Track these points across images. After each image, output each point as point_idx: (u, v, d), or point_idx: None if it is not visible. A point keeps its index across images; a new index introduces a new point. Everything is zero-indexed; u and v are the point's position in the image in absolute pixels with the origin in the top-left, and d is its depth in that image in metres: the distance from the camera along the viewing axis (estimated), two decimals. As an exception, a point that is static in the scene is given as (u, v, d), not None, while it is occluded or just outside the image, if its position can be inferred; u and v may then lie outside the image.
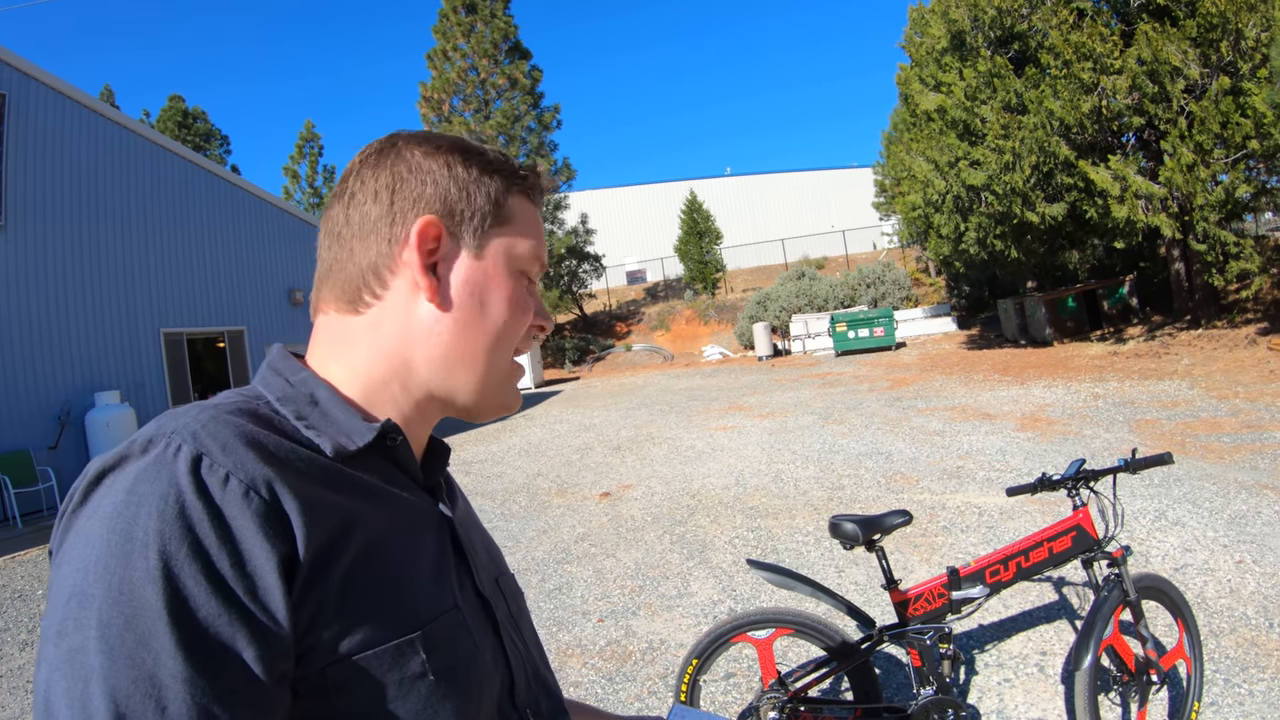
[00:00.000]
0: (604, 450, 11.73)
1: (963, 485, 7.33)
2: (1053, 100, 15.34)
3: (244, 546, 0.63)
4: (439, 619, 0.77)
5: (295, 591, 0.65)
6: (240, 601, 0.62)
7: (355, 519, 0.73)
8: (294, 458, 0.71)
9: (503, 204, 0.88)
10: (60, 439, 12.62)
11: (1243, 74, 13.16)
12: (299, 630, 0.65)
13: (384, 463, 0.82)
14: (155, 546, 0.60)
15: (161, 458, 0.64)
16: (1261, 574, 4.62)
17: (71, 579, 0.61)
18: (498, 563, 1.02)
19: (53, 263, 13.06)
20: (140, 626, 0.58)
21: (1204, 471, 6.87)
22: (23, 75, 12.83)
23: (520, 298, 0.89)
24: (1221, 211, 13.82)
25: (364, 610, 0.70)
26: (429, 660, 0.73)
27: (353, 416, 0.80)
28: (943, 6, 18.13)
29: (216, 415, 0.70)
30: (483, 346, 0.86)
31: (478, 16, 32.50)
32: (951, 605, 2.95)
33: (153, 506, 0.61)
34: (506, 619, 0.92)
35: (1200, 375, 11.89)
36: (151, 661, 0.57)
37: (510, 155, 0.94)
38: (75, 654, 0.58)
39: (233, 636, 0.61)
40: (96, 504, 0.64)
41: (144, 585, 0.59)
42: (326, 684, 0.67)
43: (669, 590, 5.53)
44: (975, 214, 17.85)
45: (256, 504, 0.65)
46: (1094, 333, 19.01)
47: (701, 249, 37.13)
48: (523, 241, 0.90)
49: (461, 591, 0.83)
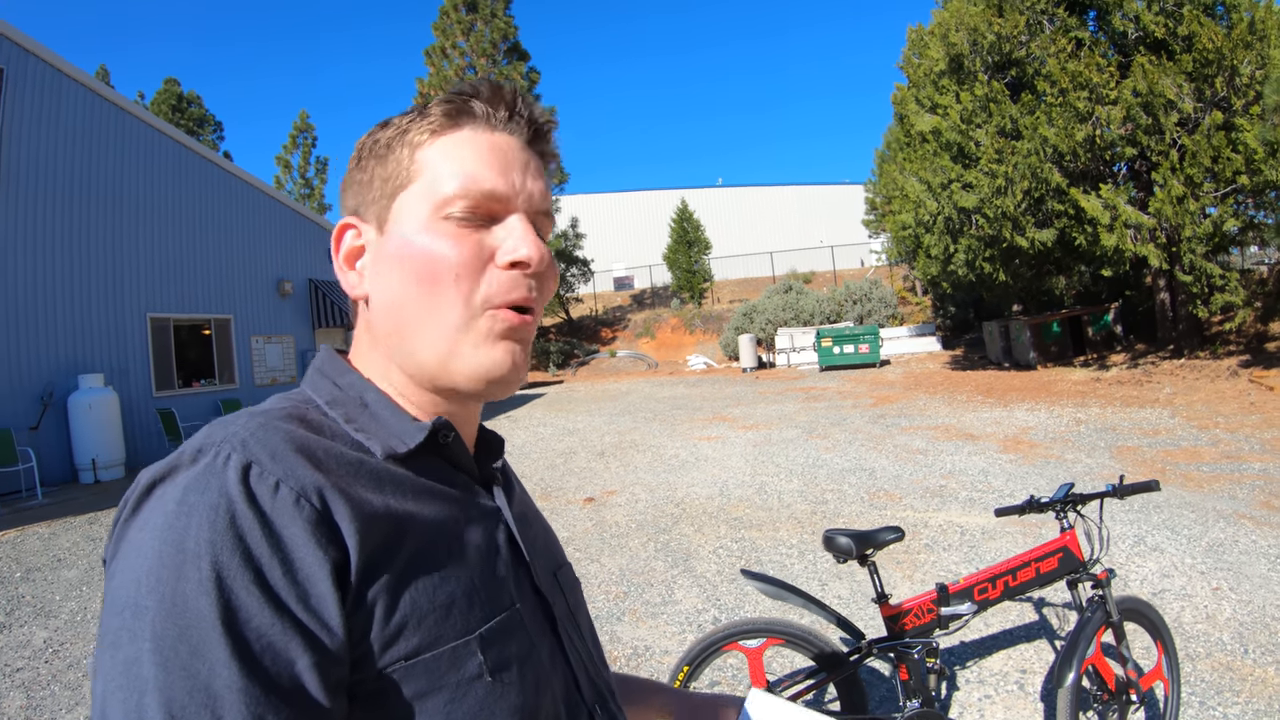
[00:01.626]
0: (588, 455, 11.75)
1: (945, 504, 7.40)
2: (1047, 127, 15.50)
3: (296, 555, 0.63)
4: (496, 620, 0.76)
5: (349, 598, 0.65)
6: (293, 610, 0.62)
7: (408, 522, 0.73)
8: (344, 463, 0.72)
9: (405, 163, 0.81)
10: (42, 420, 12.55)
11: (1236, 110, 13.36)
12: (353, 637, 0.65)
13: (438, 461, 0.82)
14: (207, 557, 0.60)
15: (211, 467, 0.64)
16: (1238, 601, 4.70)
17: (125, 590, 0.61)
18: (556, 555, 1.00)
19: (42, 241, 12.98)
20: (194, 638, 0.58)
21: (1183, 499, 6.96)
22: (21, 50, 12.76)
23: (443, 242, 0.78)
24: (1209, 244, 14.01)
25: (419, 614, 0.69)
26: (486, 661, 0.72)
27: (402, 418, 0.81)
28: (942, 30, 18.27)
29: (266, 422, 0.71)
30: (412, 315, 0.79)
31: (478, 15, 32.51)
32: (940, 621, 3.00)
33: (203, 517, 0.61)
34: (565, 615, 0.90)
35: (1182, 404, 12.02)
36: (206, 672, 0.58)
37: (445, 98, 0.84)
38: (130, 665, 0.58)
39: (286, 646, 0.61)
40: (148, 515, 0.64)
41: (197, 596, 0.59)
42: (383, 689, 0.67)
43: (653, 597, 5.55)
44: (965, 236, 17.97)
45: (307, 511, 0.65)
46: (1077, 358, 19.17)
47: (690, 258, 37.23)
48: (435, 181, 0.80)
49: (518, 589, 0.82)
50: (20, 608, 6.38)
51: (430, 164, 0.80)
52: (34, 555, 8.07)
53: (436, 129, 0.82)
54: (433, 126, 0.82)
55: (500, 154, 0.82)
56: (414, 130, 0.82)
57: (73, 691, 4.65)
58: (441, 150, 0.81)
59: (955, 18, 17.73)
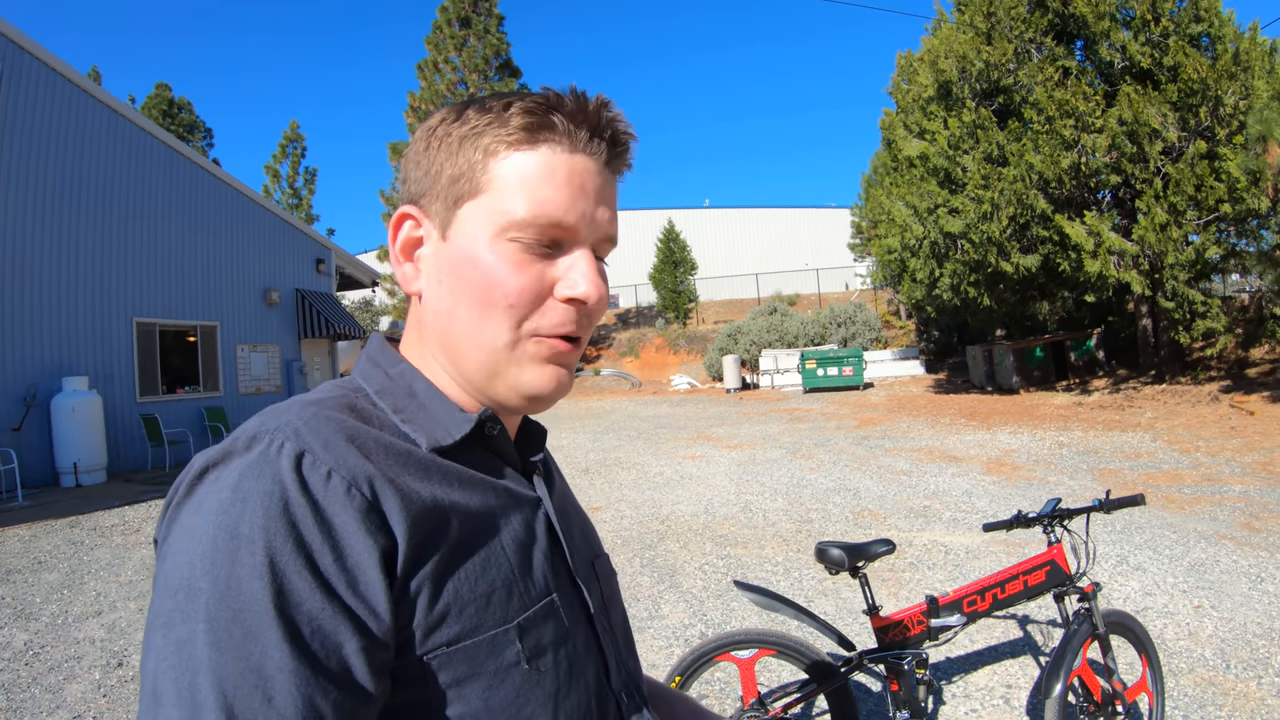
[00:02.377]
0: (572, 472, 11.74)
1: (930, 524, 7.44)
2: (1033, 154, 15.67)
3: (346, 542, 0.65)
4: (535, 609, 0.78)
5: (396, 585, 0.67)
6: (342, 596, 0.64)
7: (453, 512, 0.74)
8: (393, 453, 0.73)
9: (477, 169, 0.79)
10: (24, 421, 12.46)
11: (1219, 139, 13.58)
12: (399, 622, 0.67)
13: (483, 452, 0.84)
14: (261, 543, 0.61)
15: (266, 454, 0.66)
16: (1219, 618, 4.76)
17: (179, 572, 0.62)
18: (593, 545, 1.02)
19: (30, 240, 12.92)
20: (247, 620, 0.60)
21: (1165, 520, 7.03)
22: (17, 48, 12.74)
23: (504, 267, 0.78)
24: (1191, 271, 14.20)
25: (462, 603, 0.71)
26: (523, 649, 0.74)
27: (450, 409, 0.82)
28: (932, 56, 18.46)
29: (318, 412, 0.73)
30: (463, 331, 0.81)
31: (471, 31, 32.63)
32: (930, 632, 3.03)
33: (258, 503, 0.63)
34: (599, 605, 0.92)
35: (1163, 428, 12.12)
36: (258, 654, 0.59)
37: (524, 98, 0.80)
38: (183, 645, 0.60)
39: (336, 629, 0.63)
40: (201, 499, 0.65)
41: (250, 580, 0.61)
42: (424, 673, 0.69)
43: (640, 612, 5.55)
44: (951, 260, 18.11)
45: (358, 500, 0.67)
46: (1060, 383, 19.31)
47: (676, 278, 37.31)
48: (506, 201, 0.78)
49: (556, 578, 0.84)
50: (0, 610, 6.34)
51: (503, 179, 0.78)
52: (14, 557, 7.99)
53: (514, 142, 0.78)
54: (511, 139, 0.78)
55: (575, 182, 0.80)
56: (490, 136, 0.79)
57: (53, 694, 4.61)
58: (517, 168, 0.78)
59: (944, 45, 17.93)
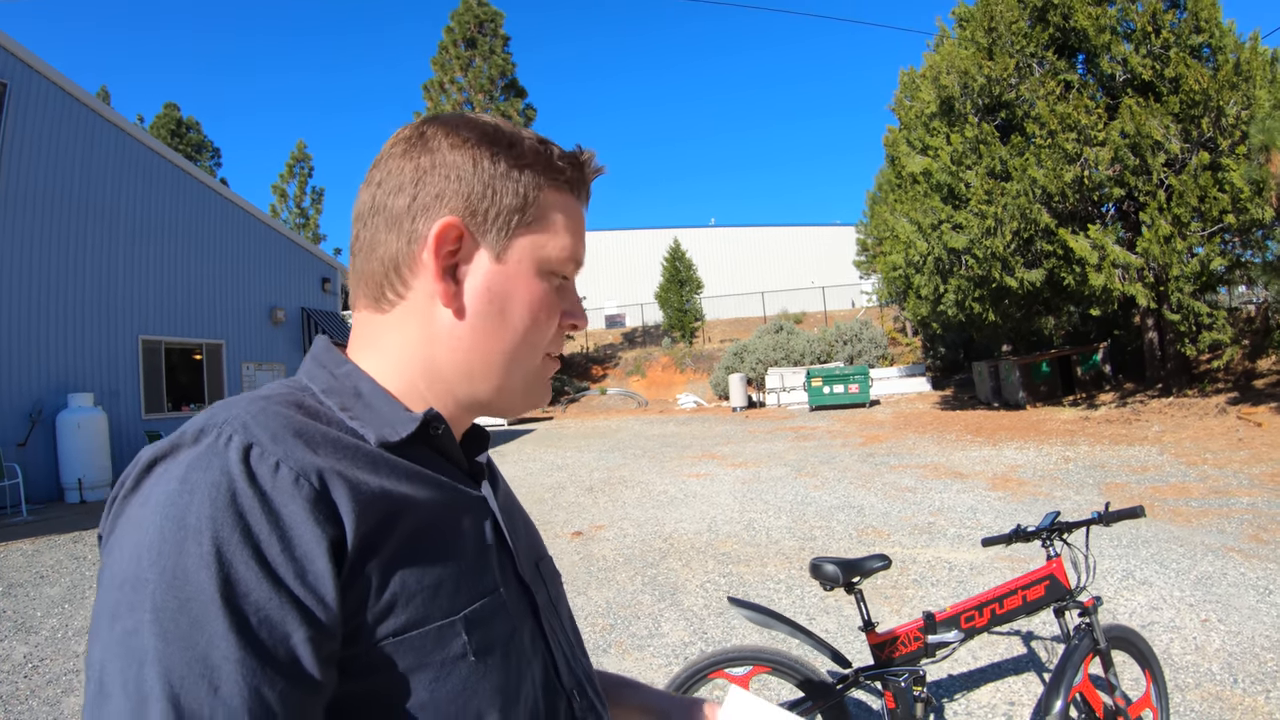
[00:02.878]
0: (576, 490, 11.69)
1: (934, 540, 7.38)
2: (1036, 168, 15.64)
3: (294, 532, 0.65)
4: (481, 602, 0.78)
5: (344, 575, 0.67)
6: (290, 586, 0.63)
7: (401, 505, 0.74)
8: (341, 446, 0.73)
9: (533, 201, 0.84)
10: (30, 436, 12.50)
11: (1222, 150, 13.54)
12: (346, 613, 0.67)
13: (428, 451, 0.83)
14: (208, 532, 0.61)
15: (214, 447, 0.66)
16: (1226, 632, 4.69)
17: (125, 564, 0.62)
18: (538, 547, 1.02)
19: (37, 257, 12.98)
20: (194, 610, 0.60)
21: (1171, 534, 6.96)
22: (25, 67, 12.85)
23: (547, 302, 0.87)
24: (1196, 283, 14.13)
25: (409, 593, 0.71)
26: (470, 642, 0.74)
27: (395, 407, 0.82)
28: (934, 72, 18.48)
29: (266, 406, 0.73)
30: (502, 353, 0.85)
31: (477, 52, 32.90)
32: (927, 649, 2.98)
33: (205, 494, 0.63)
34: (547, 603, 0.93)
35: (1170, 442, 12.04)
36: (205, 644, 0.59)
37: (552, 142, 0.89)
38: (130, 636, 0.59)
39: (283, 619, 0.62)
40: (149, 491, 0.65)
41: (198, 570, 0.60)
42: (372, 664, 0.69)
43: (640, 630, 5.51)
44: (955, 276, 18.06)
45: (306, 491, 0.66)
46: (1067, 398, 19.20)
47: (682, 297, 37.35)
48: (554, 241, 0.86)
49: (502, 575, 0.84)
50: (0, 622, 6.35)
51: (553, 219, 0.87)
52: (16, 571, 8.01)
53: (560, 186, 0.88)
54: (561, 181, 0.88)
55: (582, 227, 0.91)
56: (546, 173, 0.86)
57: (51, 707, 4.62)
58: (563, 210, 0.88)
59: (946, 61, 17.95)
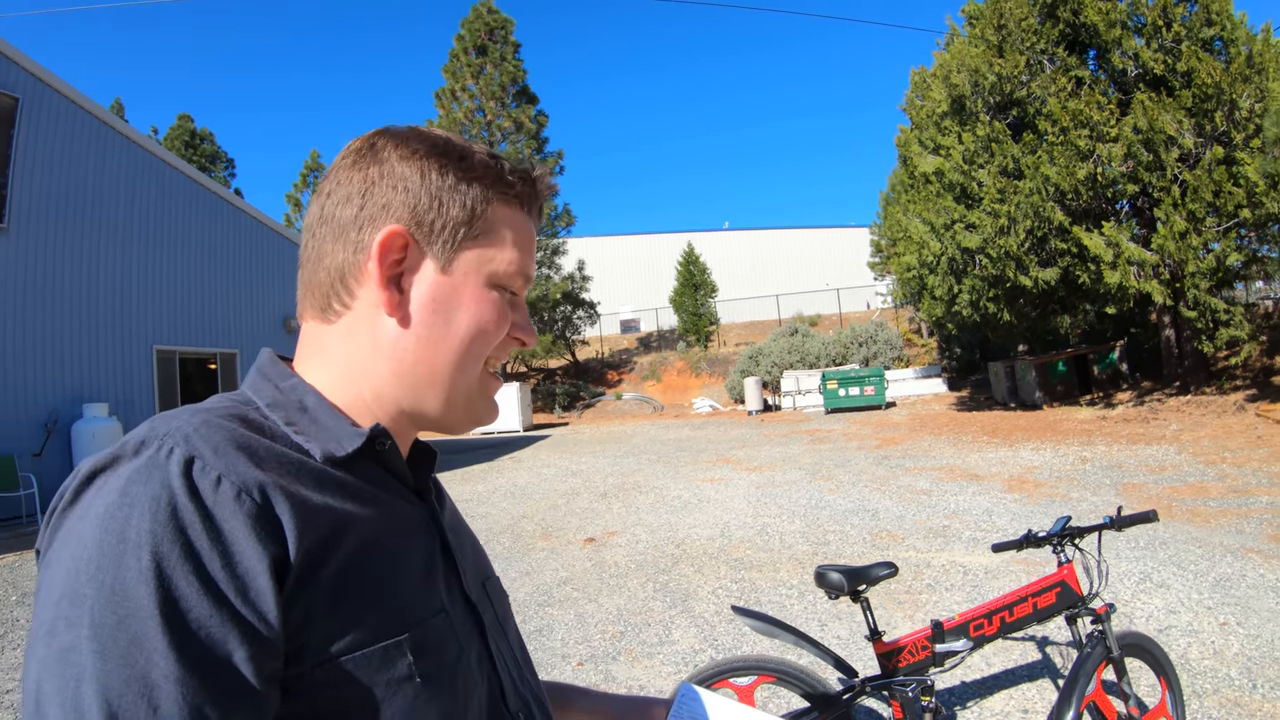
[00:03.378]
0: (590, 496, 11.68)
1: (949, 544, 7.31)
2: (1049, 166, 15.55)
3: (235, 548, 0.63)
4: (427, 622, 0.77)
5: (286, 593, 0.65)
6: (231, 603, 0.62)
7: (346, 522, 0.73)
8: (285, 462, 0.72)
9: (481, 214, 0.85)
10: (45, 447, 12.60)
11: (1236, 144, 13.41)
12: (289, 631, 0.65)
13: (374, 467, 0.82)
14: (148, 547, 0.60)
15: (154, 459, 0.64)
16: (1245, 636, 4.61)
17: (63, 579, 0.61)
18: (484, 566, 1.02)
19: (52, 269, 13.09)
20: (133, 627, 0.58)
21: (1189, 535, 6.87)
22: (37, 81, 12.97)
23: (494, 314, 0.86)
24: (1212, 279, 13.99)
25: (354, 612, 0.70)
26: (416, 663, 0.73)
27: (341, 422, 0.81)
28: (944, 71, 18.42)
29: (208, 419, 0.71)
30: (446, 364, 0.84)
31: (488, 59, 33.05)
32: (935, 658, 2.93)
33: (145, 508, 0.61)
34: (493, 624, 0.92)
35: (1188, 440, 11.92)
36: (144, 661, 0.57)
37: (504, 157, 0.89)
38: (67, 653, 0.58)
39: (224, 637, 0.61)
40: (88, 504, 0.63)
41: (137, 585, 0.59)
42: (315, 684, 0.67)
43: (650, 637, 5.47)
44: (969, 276, 17.97)
45: (248, 506, 0.65)
46: (1083, 397, 19.06)
47: (696, 301, 37.36)
48: (502, 254, 0.86)
49: (449, 595, 0.84)
50: (14, 631, 6.41)
51: (501, 233, 0.86)
52: (31, 580, 8.04)
53: (510, 201, 0.88)
54: (510, 195, 0.88)
55: (531, 243, 0.91)
56: (496, 187, 0.86)
57: None
58: (512, 224, 0.88)
59: (956, 59, 17.88)
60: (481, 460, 17.78)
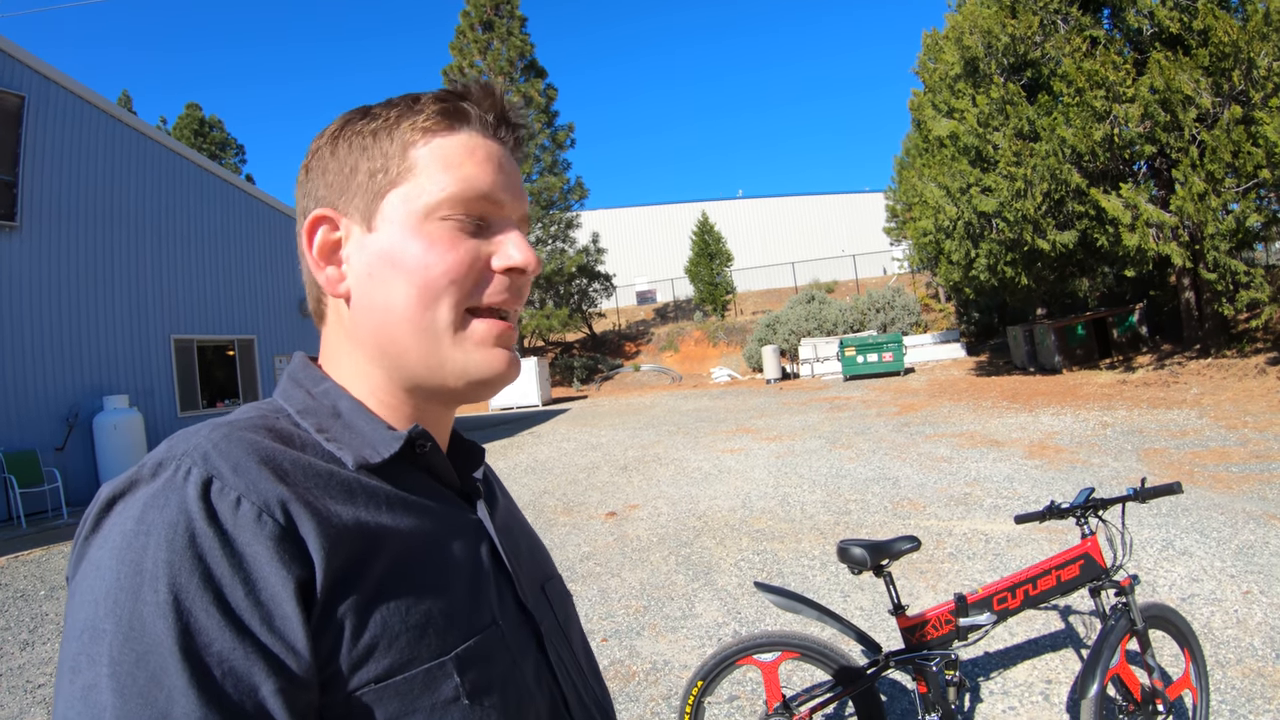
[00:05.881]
0: (610, 470, 11.73)
1: (970, 512, 7.31)
2: (1065, 128, 15.37)
3: (258, 574, 0.61)
4: (474, 639, 0.73)
5: (315, 618, 0.63)
6: (256, 633, 0.60)
7: (380, 536, 0.70)
8: (312, 474, 0.69)
9: (394, 155, 0.78)
10: (68, 440, 12.68)
11: (1254, 103, 13.18)
12: (321, 658, 0.63)
13: (416, 472, 0.79)
14: (165, 578, 0.58)
15: (171, 482, 0.62)
16: (1269, 604, 4.59)
17: (84, 612, 0.59)
18: (543, 566, 0.97)
19: (66, 265, 13.14)
20: (152, 663, 0.56)
21: (1212, 501, 6.84)
22: (42, 78, 12.94)
23: (441, 247, 0.77)
24: (1232, 240, 13.82)
25: (392, 634, 0.67)
26: (463, 684, 0.69)
27: (378, 427, 0.78)
28: (957, 33, 18.18)
29: (230, 434, 0.68)
30: (405, 320, 0.77)
31: (495, 34, 32.85)
32: (959, 632, 2.95)
33: (162, 536, 0.59)
34: (553, 630, 0.88)
35: (1209, 404, 11.85)
36: (164, 700, 0.56)
37: (427, 95, 0.82)
38: (88, 691, 0.56)
39: (249, 670, 0.59)
40: (107, 533, 0.62)
41: (154, 620, 0.57)
42: (353, 712, 0.64)
43: (674, 611, 5.51)
44: (986, 240, 17.84)
45: (270, 528, 0.62)
46: (1103, 361, 18.95)
47: (712, 270, 37.25)
48: (429, 183, 0.77)
49: (500, 605, 0.79)
50: (44, 625, 6.46)
51: (425, 164, 0.78)
52: (58, 574, 8.15)
53: (430, 128, 0.79)
54: (426, 125, 0.79)
55: (495, 162, 0.81)
56: (405, 126, 0.79)
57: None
58: (438, 151, 0.78)
59: (969, 20, 17.65)
60: (502, 436, 17.85)
